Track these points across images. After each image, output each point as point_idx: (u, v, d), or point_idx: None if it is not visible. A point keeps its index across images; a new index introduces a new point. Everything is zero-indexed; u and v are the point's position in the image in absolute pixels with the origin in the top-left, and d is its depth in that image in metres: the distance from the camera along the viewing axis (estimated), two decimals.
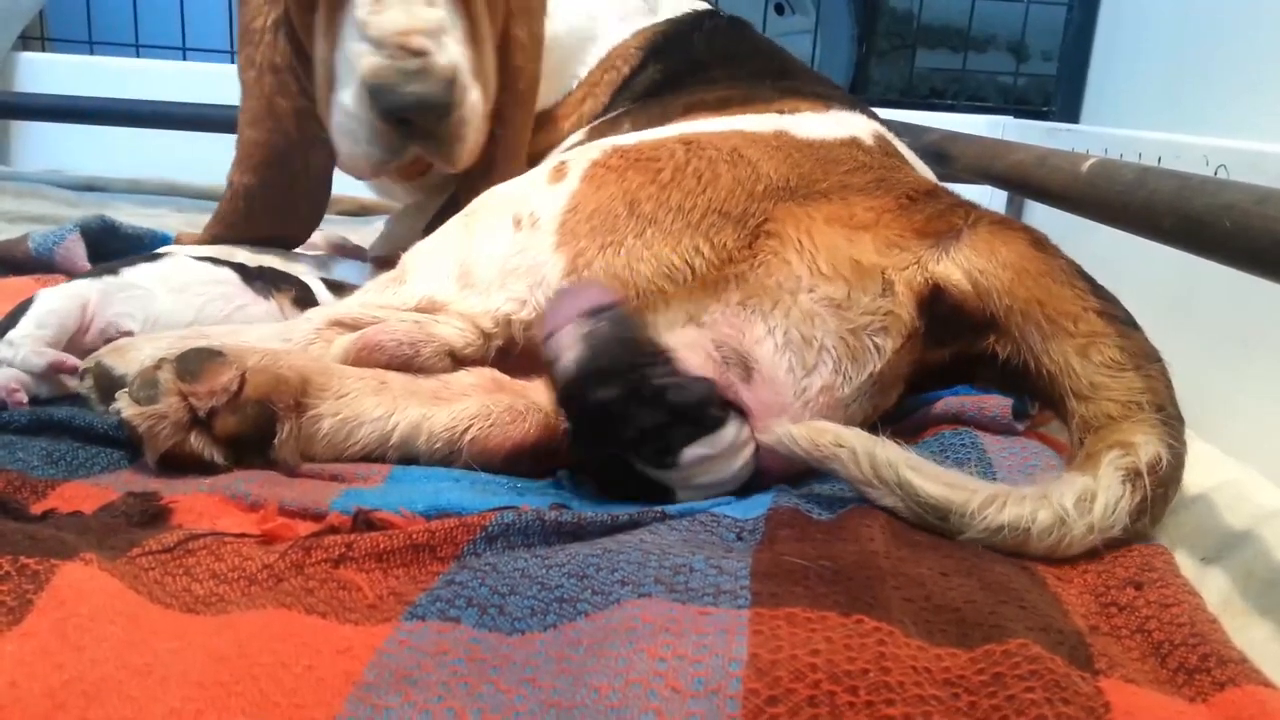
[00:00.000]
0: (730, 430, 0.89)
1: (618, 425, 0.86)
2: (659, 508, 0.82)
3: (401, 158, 1.22)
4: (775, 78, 1.43)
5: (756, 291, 0.96)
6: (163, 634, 0.59)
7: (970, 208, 1.05)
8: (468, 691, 0.56)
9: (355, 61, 1.14)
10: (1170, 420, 0.87)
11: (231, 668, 0.56)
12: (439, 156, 1.23)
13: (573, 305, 0.90)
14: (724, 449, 0.88)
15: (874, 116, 1.34)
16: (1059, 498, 0.79)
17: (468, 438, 0.94)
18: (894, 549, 0.75)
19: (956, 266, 0.99)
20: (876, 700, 0.54)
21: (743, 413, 0.91)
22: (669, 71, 1.50)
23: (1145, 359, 0.91)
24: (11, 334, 1.03)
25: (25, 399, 0.99)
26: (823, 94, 1.34)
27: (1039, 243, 1.00)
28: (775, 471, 0.91)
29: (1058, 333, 0.95)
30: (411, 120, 1.17)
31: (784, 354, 0.94)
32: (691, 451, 0.86)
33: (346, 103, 1.18)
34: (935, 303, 0.99)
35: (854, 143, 1.15)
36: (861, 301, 0.96)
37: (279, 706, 0.54)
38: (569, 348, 0.88)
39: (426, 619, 0.63)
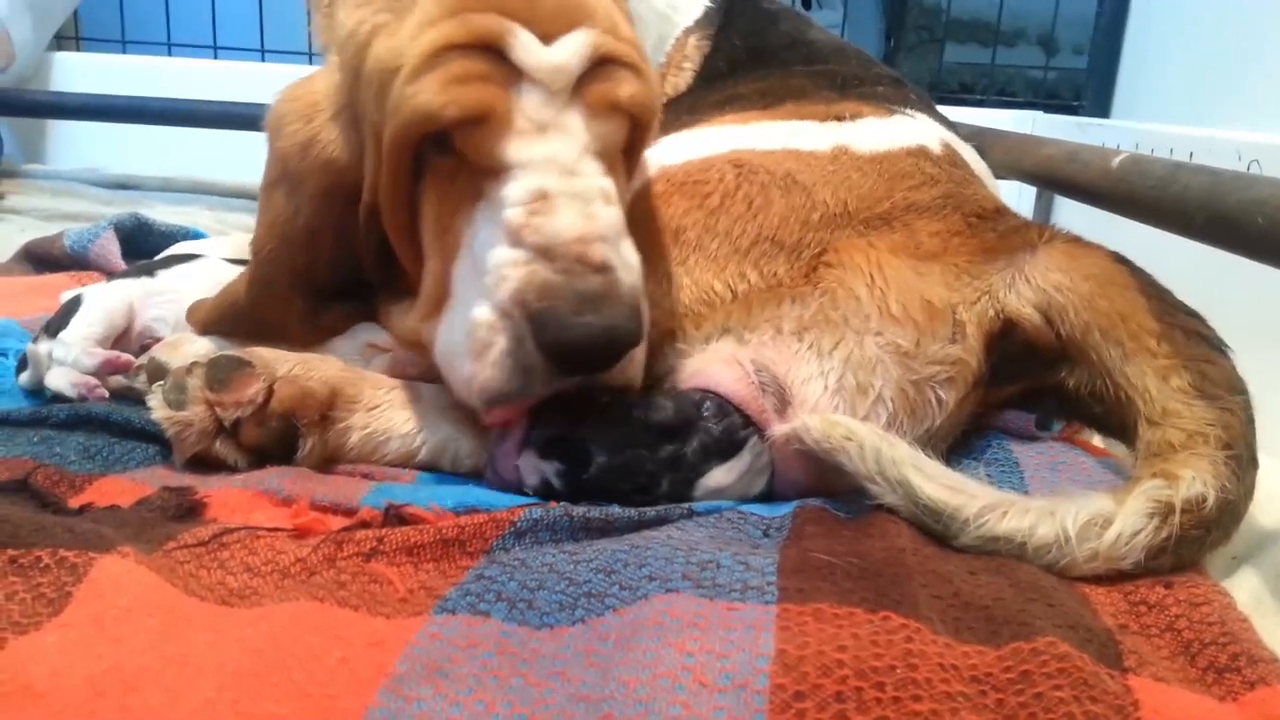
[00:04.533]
0: (747, 456, 0.87)
1: (630, 480, 0.84)
2: (686, 505, 0.83)
3: (551, 390, 0.84)
4: (826, 64, 1.35)
5: (818, 322, 0.90)
6: (198, 625, 0.60)
7: (1044, 226, 1.01)
8: (498, 684, 0.57)
9: (506, 273, 0.81)
10: (1234, 461, 0.80)
11: (265, 659, 0.57)
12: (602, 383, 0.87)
13: (510, 447, 0.87)
14: (741, 474, 0.86)
15: (934, 112, 1.28)
16: (1063, 516, 0.75)
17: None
18: (921, 546, 0.75)
19: (1030, 289, 0.94)
20: (904, 696, 0.54)
21: (762, 433, 0.87)
22: (732, 54, 1.40)
23: (1227, 389, 0.85)
24: (64, 334, 1.06)
25: (106, 393, 1.02)
26: (884, 91, 1.24)
27: (1120, 258, 0.96)
28: (792, 494, 0.88)
29: (1139, 351, 0.89)
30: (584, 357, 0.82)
31: (833, 399, 0.88)
32: (706, 482, 0.85)
33: (486, 323, 0.82)
34: (1006, 339, 0.94)
35: (921, 152, 1.06)
36: (930, 350, 0.90)
37: (311, 697, 0.55)
38: (537, 470, 0.85)
39: (457, 612, 0.64)
